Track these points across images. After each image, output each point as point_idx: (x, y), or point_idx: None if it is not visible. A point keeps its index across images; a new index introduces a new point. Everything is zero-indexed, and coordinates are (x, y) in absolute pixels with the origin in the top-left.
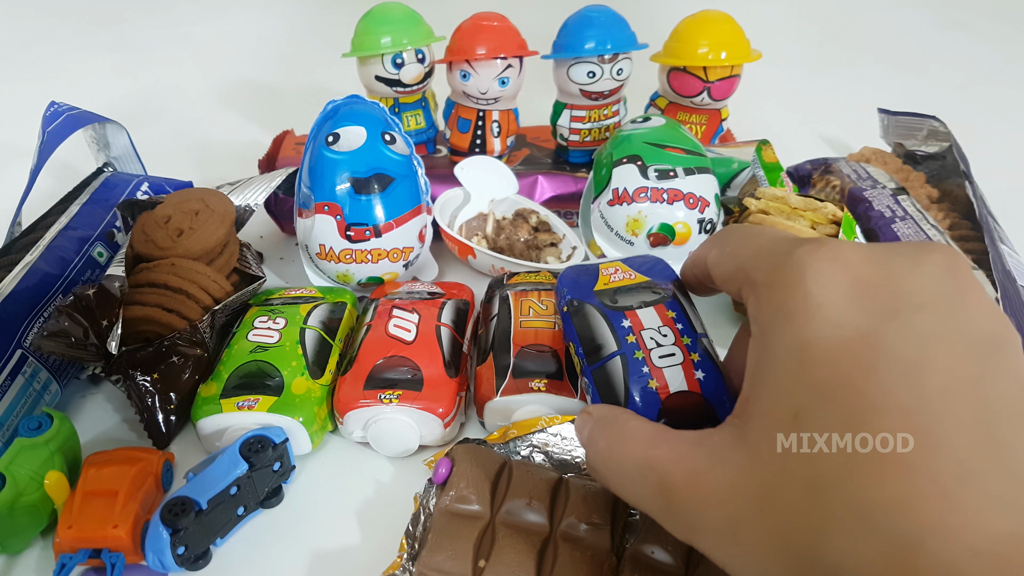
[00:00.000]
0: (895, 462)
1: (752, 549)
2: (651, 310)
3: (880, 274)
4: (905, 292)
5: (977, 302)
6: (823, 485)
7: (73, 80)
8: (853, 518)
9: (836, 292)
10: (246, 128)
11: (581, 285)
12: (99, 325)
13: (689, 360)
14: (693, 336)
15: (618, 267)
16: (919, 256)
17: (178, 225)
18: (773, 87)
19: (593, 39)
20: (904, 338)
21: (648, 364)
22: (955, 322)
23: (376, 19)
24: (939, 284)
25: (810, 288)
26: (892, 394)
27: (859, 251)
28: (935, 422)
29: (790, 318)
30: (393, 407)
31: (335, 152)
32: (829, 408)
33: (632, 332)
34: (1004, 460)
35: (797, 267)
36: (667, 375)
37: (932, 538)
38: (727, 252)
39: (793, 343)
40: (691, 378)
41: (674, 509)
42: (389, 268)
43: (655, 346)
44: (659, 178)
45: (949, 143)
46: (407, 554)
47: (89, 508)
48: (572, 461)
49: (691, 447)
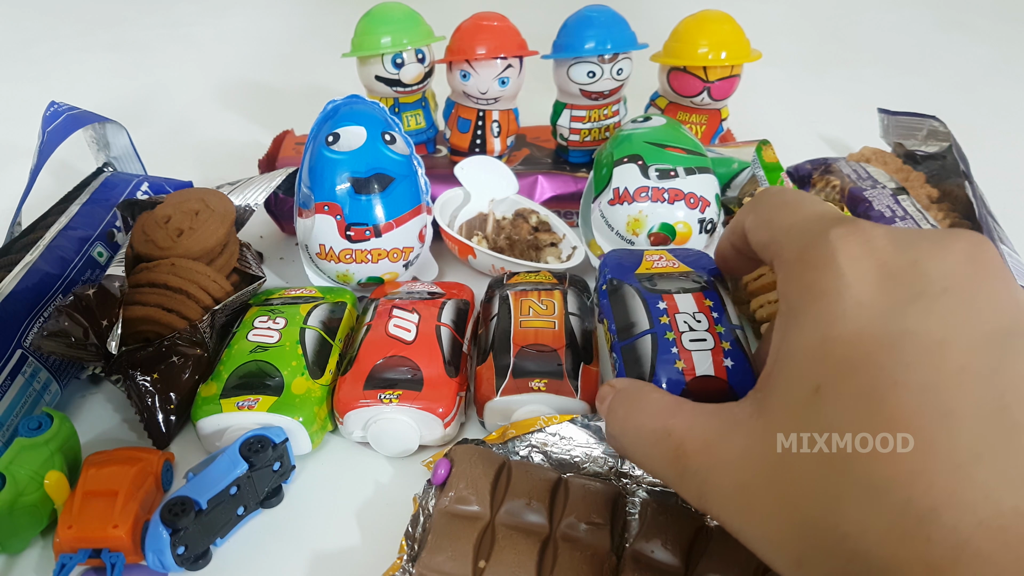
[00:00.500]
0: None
1: (761, 516)
2: (688, 296)
3: (907, 258)
4: (930, 276)
5: (1002, 289)
6: (838, 457)
7: (73, 80)
8: (866, 490)
9: (864, 274)
10: (246, 128)
11: (624, 267)
12: (99, 325)
13: (720, 347)
14: (727, 326)
15: (663, 255)
16: (946, 242)
17: (178, 225)
18: (773, 87)
19: (593, 39)
20: (926, 319)
21: (678, 345)
22: (977, 306)
23: (376, 19)
24: (964, 270)
25: (841, 269)
26: (912, 372)
27: (888, 235)
28: (952, 400)
29: (819, 297)
30: (393, 407)
31: (335, 152)
32: (850, 383)
33: (667, 314)
34: (1016, 440)
35: (829, 248)
36: (695, 358)
37: (946, 511)
38: (763, 219)
39: (819, 320)
40: (719, 364)
41: (688, 476)
42: (389, 268)
43: (687, 330)
44: (660, 178)
45: (949, 143)
46: (407, 555)
47: (89, 508)
48: (571, 461)
49: (708, 417)
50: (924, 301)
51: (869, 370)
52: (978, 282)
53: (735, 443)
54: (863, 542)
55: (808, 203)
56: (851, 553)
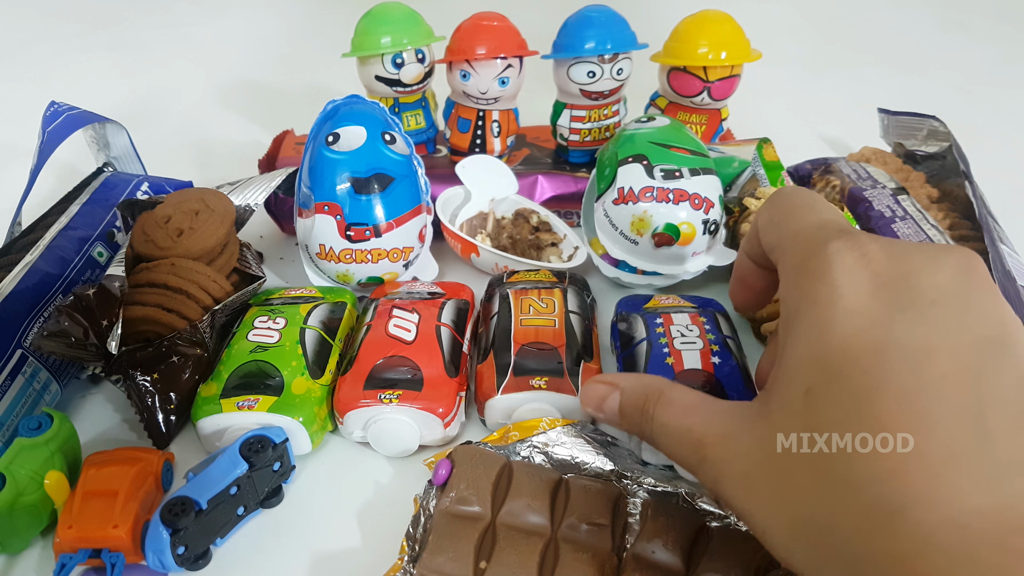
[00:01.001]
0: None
1: (760, 502)
2: (684, 314)
3: (900, 270)
4: (921, 288)
5: (990, 302)
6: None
7: (73, 80)
8: (845, 486)
9: (858, 284)
10: (246, 128)
11: (634, 304)
12: (99, 325)
13: (708, 349)
14: (717, 334)
15: (672, 296)
16: (938, 256)
17: (178, 225)
18: (773, 87)
19: (593, 39)
20: (914, 328)
21: (670, 347)
22: (965, 318)
23: (376, 19)
24: (954, 283)
25: (836, 280)
26: (895, 377)
27: (884, 248)
28: (931, 405)
29: (814, 304)
30: (393, 407)
31: (335, 152)
32: (837, 386)
33: (662, 326)
34: (989, 446)
35: (827, 259)
36: (684, 356)
37: (915, 507)
38: (774, 220)
39: (814, 327)
40: (706, 360)
41: (706, 465)
42: (389, 268)
43: (679, 336)
44: (665, 178)
45: (949, 143)
46: (408, 556)
47: (89, 508)
48: (572, 462)
49: (723, 415)
50: (913, 311)
51: (855, 375)
52: (967, 295)
53: (743, 438)
54: (839, 535)
55: (816, 209)
56: (830, 545)
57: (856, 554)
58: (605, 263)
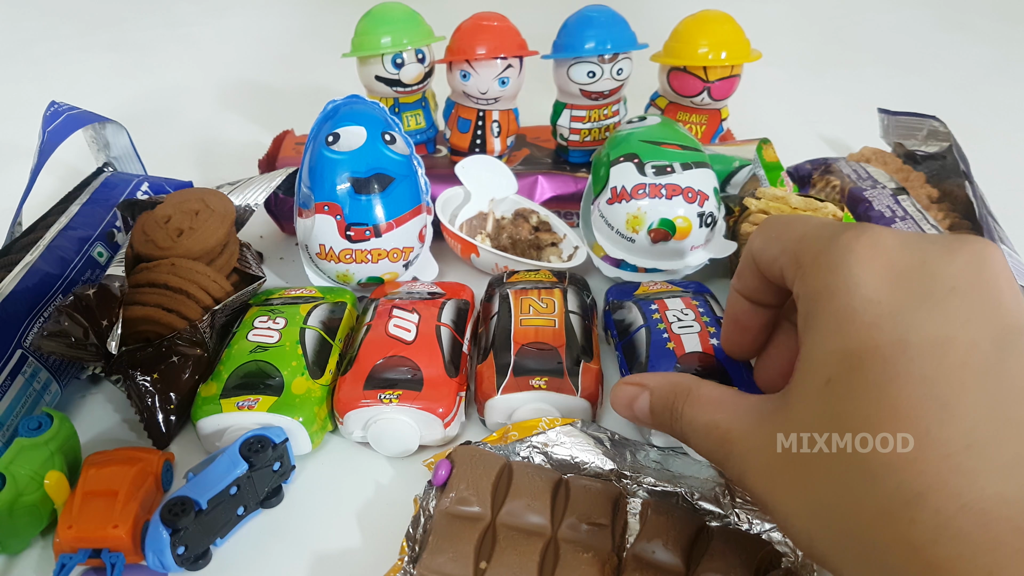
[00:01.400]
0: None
1: (782, 492)
2: (677, 299)
3: (916, 259)
4: (938, 277)
5: (1008, 291)
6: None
7: (73, 80)
8: (864, 475)
9: (874, 274)
10: (246, 128)
11: (624, 291)
12: (99, 325)
13: (706, 331)
14: (712, 316)
15: (660, 282)
16: (954, 245)
17: (178, 225)
18: (773, 87)
19: (593, 39)
20: (932, 317)
21: (668, 332)
22: (983, 306)
23: (376, 19)
24: (971, 272)
25: (852, 269)
26: (915, 365)
27: (897, 237)
28: (950, 393)
29: (832, 297)
30: (393, 407)
31: (335, 152)
32: (858, 375)
33: (658, 312)
34: (1009, 434)
35: (841, 250)
36: (684, 339)
37: (932, 495)
38: (772, 238)
39: (832, 318)
40: (705, 342)
41: (733, 458)
42: (389, 268)
43: (676, 320)
44: (656, 174)
45: (949, 143)
46: (408, 556)
47: (89, 508)
48: (572, 462)
49: (747, 410)
50: (932, 300)
51: (875, 363)
52: (984, 284)
53: (766, 431)
54: (859, 523)
55: (815, 218)
56: (850, 533)
57: (876, 541)
58: (606, 264)
